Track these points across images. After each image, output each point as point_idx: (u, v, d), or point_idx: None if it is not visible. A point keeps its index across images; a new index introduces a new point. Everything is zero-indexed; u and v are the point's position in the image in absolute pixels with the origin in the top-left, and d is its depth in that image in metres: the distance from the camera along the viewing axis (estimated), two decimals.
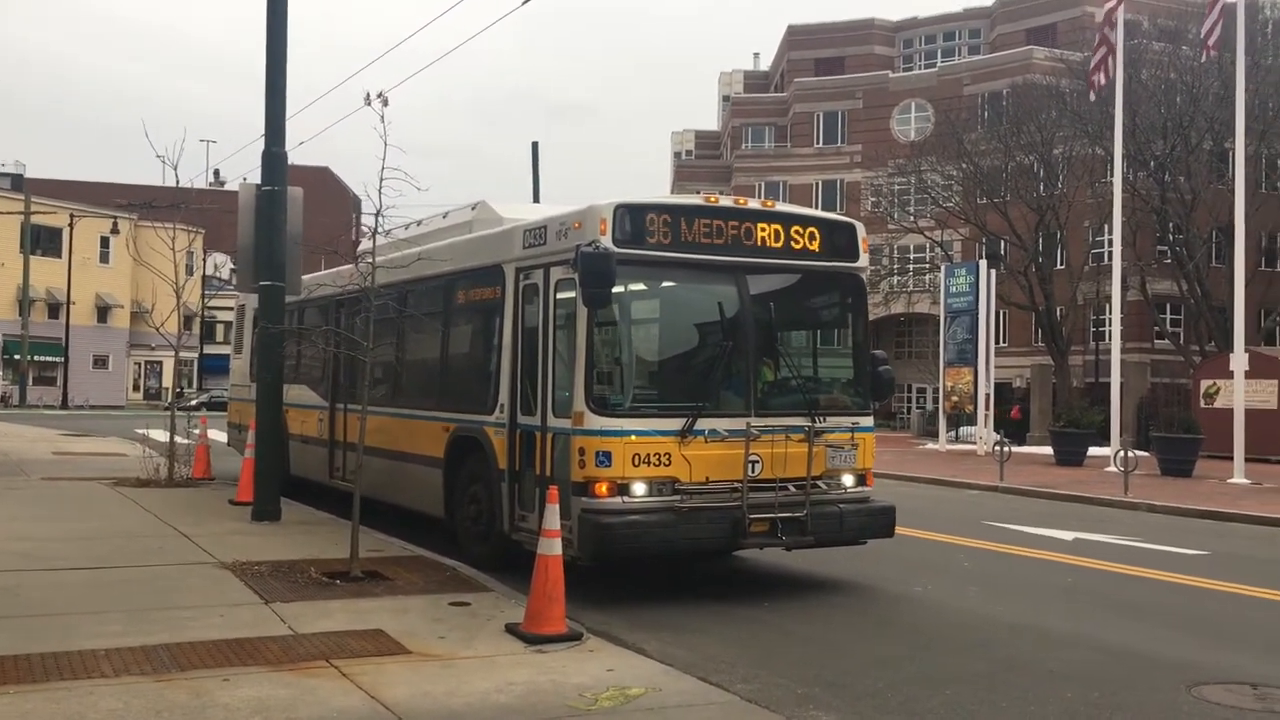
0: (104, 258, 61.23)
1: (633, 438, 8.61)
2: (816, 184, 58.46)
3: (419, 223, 13.11)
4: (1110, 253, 29.20)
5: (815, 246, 9.70)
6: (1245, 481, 21.42)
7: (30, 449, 22.25)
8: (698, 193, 9.91)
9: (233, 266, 13.63)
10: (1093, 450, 26.77)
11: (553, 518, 7.30)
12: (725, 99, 73.58)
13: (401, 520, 11.93)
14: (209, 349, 61.93)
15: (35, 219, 53.77)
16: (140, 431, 27.04)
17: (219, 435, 20.11)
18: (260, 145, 12.44)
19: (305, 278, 14.18)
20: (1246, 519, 16.41)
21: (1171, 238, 38.62)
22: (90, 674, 6.03)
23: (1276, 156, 38.25)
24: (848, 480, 9.59)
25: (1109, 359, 26.85)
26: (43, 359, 56.81)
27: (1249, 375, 23.71)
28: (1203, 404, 29.63)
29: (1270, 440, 25.91)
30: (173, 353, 17.85)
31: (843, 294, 10.22)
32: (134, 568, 9.20)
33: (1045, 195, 40.20)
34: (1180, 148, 35.88)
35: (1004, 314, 44.68)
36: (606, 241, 8.66)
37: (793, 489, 9.11)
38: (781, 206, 10.02)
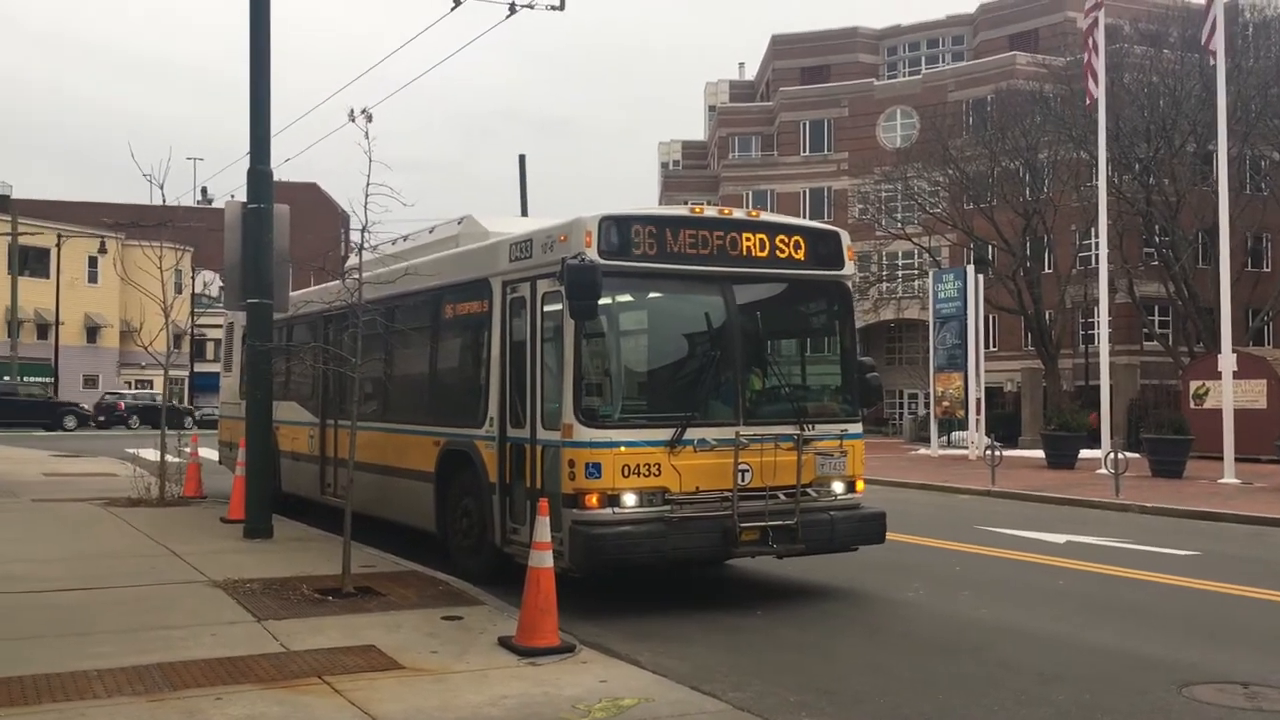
0: (92, 277, 61.09)
1: (622, 449, 8.63)
2: (804, 192, 58.64)
3: (405, 238, 13.13)
4: (1097, 256, 29.32)
5: (800, 255, 9.74)
6: (1236, 481, 21.50)
7: (21, 470, 22.15)
8: (685, 203, 9.95)
9: (221, 284, 13.70)
10: (1084, 453, 26.86)
11: (544, 530, 7.32)
12: (711, 109, 73.76)
13: (394, 535, 11.93)
14: (199, 367, 61.77)
15: (22, 240, 53.59)
16: (131, 451, 26.95)
17: (210, 453, 20.07)
18: (247, 163, 12.47)
19: (293, 294, 14.18)
20: (1237, 519, 16.48)
21: (1158, 240, 38.80)
22: (83, 695, 6.02)
23: (1260, 158, 38.43)
24: (838, 487, 9.62)
25: (1098, 362, 26.96)
26: (32, 380, 56.57)
27: (1238, 375, 23.82)
28: (1192, 405, 29.74)
29: (1260, 440, 26.00)
30: (162, 371, 17.80)
31: (829, 302, 10.27)
32: (126, 588, 9.19)
33: (1031, 200, 40.38)
34: (1164, 150, 36.07)
35: (993, 318, 44.82)
36: (592, 254, 8.70)
37: (783, 497, 9.14)
38: (766, 216, 10.06)
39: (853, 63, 62.71)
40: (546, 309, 9.26)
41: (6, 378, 52.23)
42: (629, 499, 8.62)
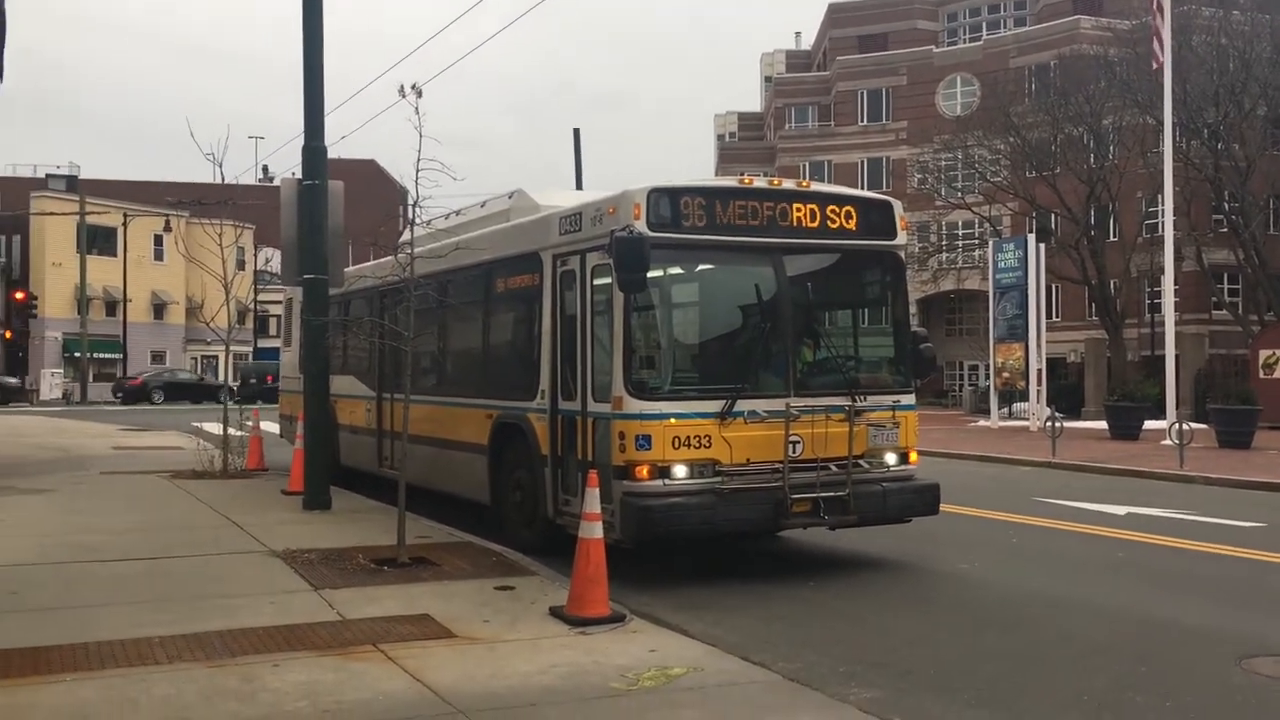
0: (158, 255, 62.28)
1: (672, 420, 8.64)
2: (861, 162, 57.96)
3: (458, 213, 13.21)
4: (1163, 223, 28.67)
5: (852, 225, 9.64)
6: None
7: (91, 444, 22.77)
8: (740, 175, 9.87)
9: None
10: (1149, 424, 26.37)
11: (593, 501, 7.37)
12: (767, 80, 73.13)
13: (450, 507, 12.08)
14: (262, 342, 62.80)
15: (90, 219, 54.79)
16: (196, 425, 27.54)
17: (271, 427, 20.45)
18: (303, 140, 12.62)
19: (348, 270, 14.35)
20: None
21: (1227, 206, 37.82)
22: (145, 661, 6.19)
23: None
24: (890, 458, 9.55)
25: (1164, 331, 26.40)
26: (102, 356, 57.94)
27: None
28: (1261, 374, 29.06)
29: None
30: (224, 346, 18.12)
31: (881, 272, 10.16)
32: (189, 557, 9.41)
33: (1096, 167, 39.51)
34: (1234, 114, 35.10)
35: (1055, 288, 44.05)
36: (641, 226, 8.68)
37: (834, 468, 9.10)
38: (817, 186, 9.98)
39: (911, 30, 61.67)
40: (596, 282, 9.27)
41: (78, 353, 53.56)
42: (679, 471, 8.63)
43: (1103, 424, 28.44)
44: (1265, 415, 24.05)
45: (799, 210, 9.39)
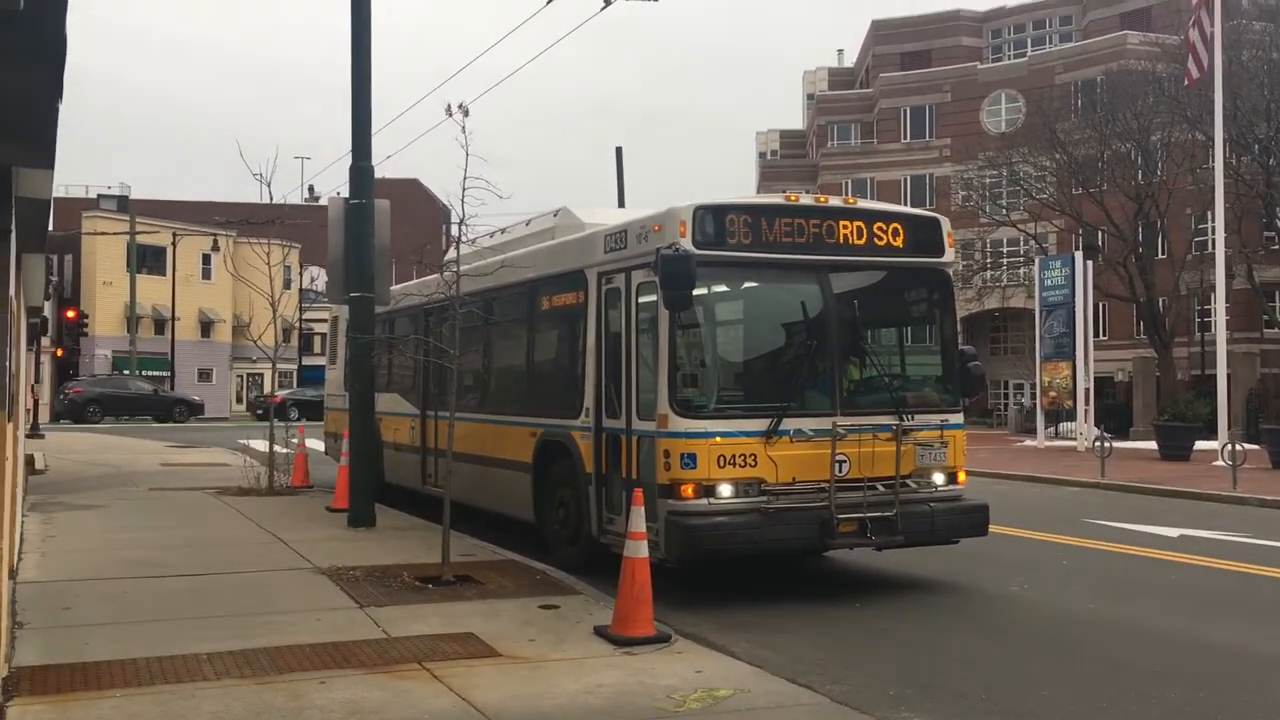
0: (205, 274, 63.15)
1: (718, 439, 8.59)
2: (905, 179, 57.64)
3: (503, 231, 13.27)
4: (1213, 240, 28.19)
5: (899, 243, 9.57)
6: None
7: (139, 461, 23.05)
8: (783, 193, 9.85)
9: (326, 279, 14.01)
10: (1199, 444, 25.89)
11: (639, 520, 7.33)
12: (810, 97, 72.96)
13: (494, 526, 12.08)
14: (306, 360, 63.45)
15: (140, 239, 55.68)
16: (242, 442, 27.82)
17: (317, 444, 20.60)
18: (350, 160, 12.74)
19: (394, 288, 14.44)
20: None
21: (1278, 223, 37.16)
22: (193, 677, 6.23)
23: None
24: (938, 478, 9.44)
25: (1215, 350, 25.95)
26: (150, 373, 58.76)
27: None
28: None
29: None
30: (271, 364, 18.31)
31: (929, 290, 10.07)
32: (235, 574, 9.47)
33: (1144, 183, 38.99)
34: None
35: (1103, 306, 43.48)
36: (686, 244, 8.66)
37: (881, 488, 8.99)
38: (864, 203, 9.92)
39: (955, 46, 61.36)
40: (641, 300, 9.26)
41: (126, 371, 54.37)
42: (724, 489, 8.58)
43: (1152, 444, 27.97)
44: None
45: (845, 227, 9.33)
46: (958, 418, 9.71)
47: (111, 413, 45.57)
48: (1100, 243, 40.55)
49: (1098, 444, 21.79)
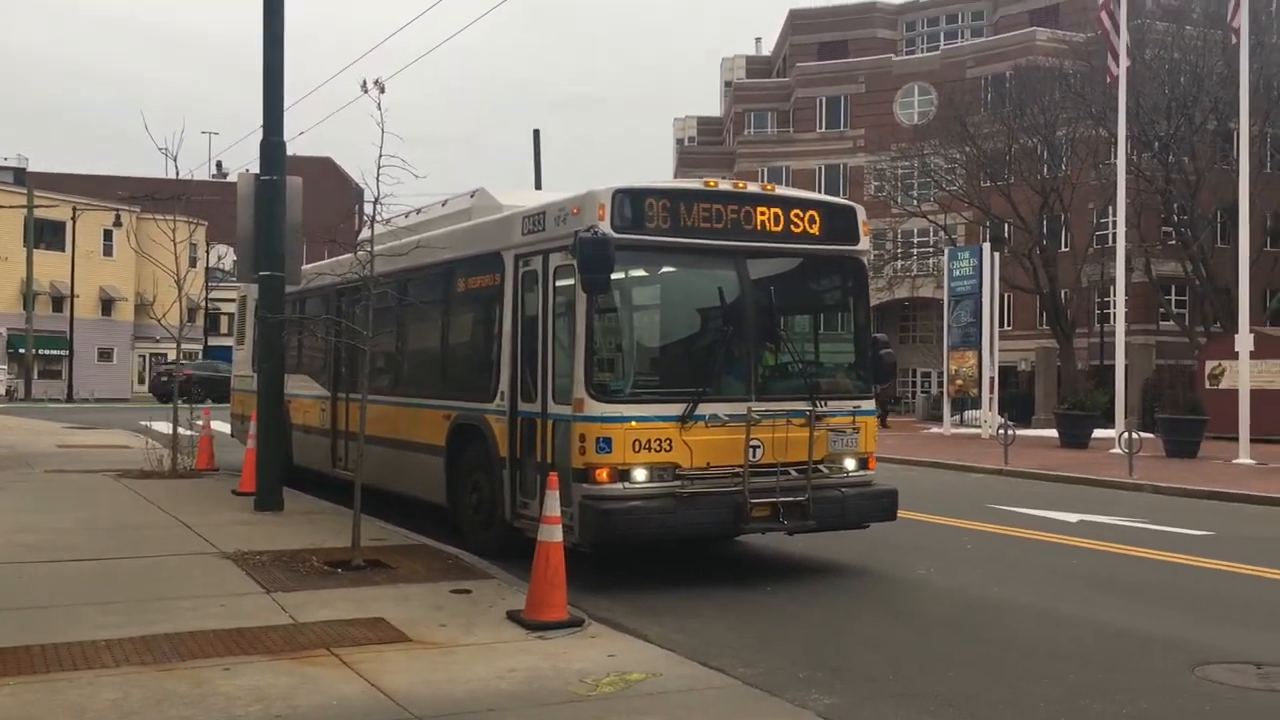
0: (107, 251, 61.19)
1: (633, 424, 8.59)
2: (820, 169, 58.28)
3: (419, 211, 13.08)
4: (1114, 234, 29.07)
5: (815, 230, 9.65)
6: (1250, 462, 21.38)
7: (36, 442, 22.28)
8: (701, 179, 9.87)
9: (235, 257, 13.65)
10: (1098, 432, 26.73)
11: (553, 504, 7.29)
12: (727, 85, 73.28)
13: (406, 510, 11.94)
14: (213, 340, 61.93)
15: (38, 213, 53.73)
16: (144, 423, 27.06)
17: (223, 426, 20.13)
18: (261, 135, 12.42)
19: (305, 267, 14.17)
20: (1251, 499, 16.36)
21: (1176, 219, 38.45)
22: (91, 665, 6.03)
23: None
24: (849, 464, 9.56)
25: (1114, 341, 26.79)
26: (47, 352, 56.84)
27: (1254, 355, 23.62)
28: (1208, 385, 29.55)
29: (1276, 420, 25.82)
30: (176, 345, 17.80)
31: (844, 277, 10.18)
32: (136, 559, 9.21)
33: (1049, 177, 40.02)
34: (1184, 128, 35.67)
35: (1008, 297, 44.55)
36: (605, 227, 8.62)
37: (794, 473, 9.08)
38: (781, 190, 9.98)
39: (871, 38, 62.16)
40: (559, 283, 9.20)
41: (22, 349, 52.52)
42: (639, 474, 8.58)
43: (1053, 432, 28.78)
44: (1211, 425, 24.44)
45: (763, 214, 9.39)
46: (870, 404, 9.85)
47: None
48: (1006, 235, 41.52)
49: (1001, 431, 22.35)
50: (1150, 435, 23.93)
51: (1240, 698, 6.25)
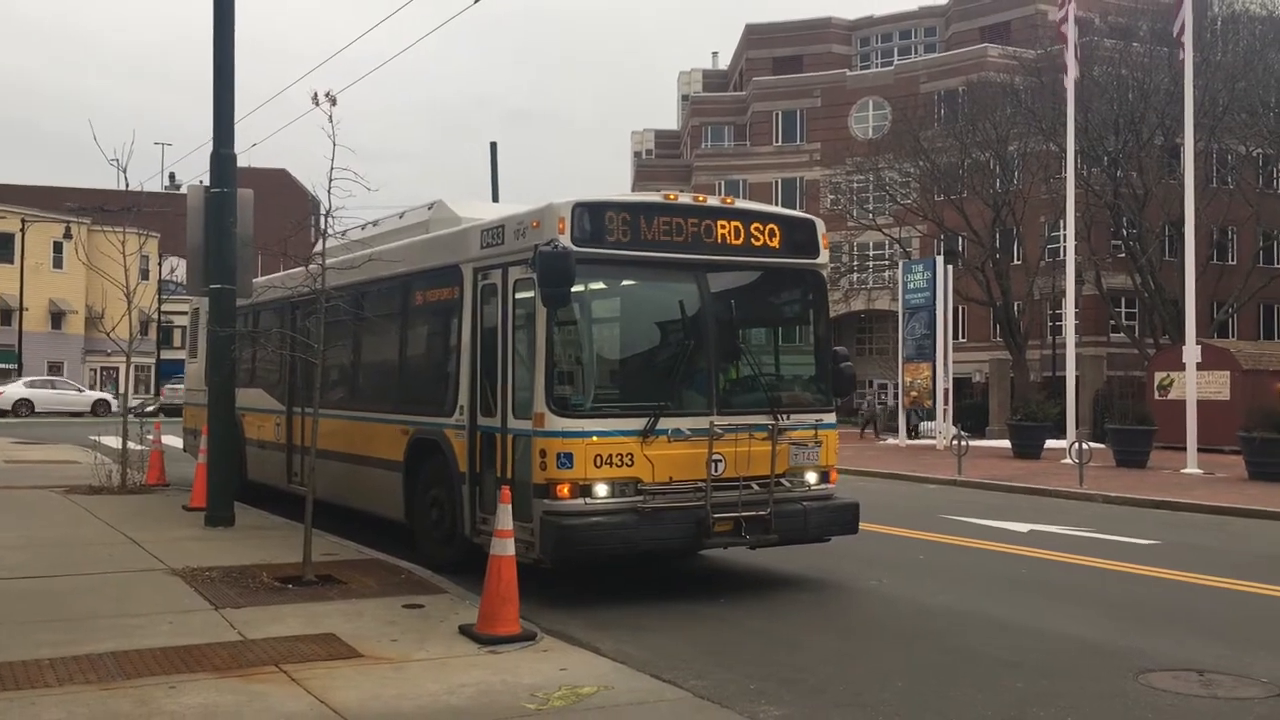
0: (57, 263, 60.30)
1: (594, 439, 8.56)
2: (776, 182, 58.70)
3: (375, 223, 13.01)
4: (1065, 248, 29.52)
5: (775, 243, 9.69)
6: (1198, 472, 21.75)
7: None
8: (660, 192, 9.88)
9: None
10: (1050, 443, 27.05)
11: (505, 518, 7.26)
12: (685, 98, 73.69)
13: (362, 525, 11.84)
14: (165, 354, 61.10)
15: None
16: (94, 438, 26.63)
17: (175, 441, 19.86)
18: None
19: (258, 280, 14.03)
20: (1198, 508, 16.64)
21: (1125, 232, 39.12)
22: (34, 684, 5.93)
23: (1226, 152, 38.80)
24: (811, 478, 9.58)
25: (1065, 353, 27.19)
26: None
27: (1201, 367, 24.07)
28: (1157, 396, 30.05)
29: (1222, 431, 26.27)
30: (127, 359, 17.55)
31: (804, 290, 10.21)
32: (82, 575, 9.06)
33: (1001, 191, 40.61)
34: (1132, 143, 36.34)
35: (962, 309, 45.06)
36: (565, 240, 8.60)
37: (756, 487, 9.06)
38: (741, 203, 10.01)
39: (826, 53, 62.78)
40: (518, 296, 9.17)
41: None
42: (601, 489, 8.55)
43: (1006, 443, 29.11)
44: (1160, 435, 24.84)
45: (723, 227, 9.41)
46: (830, 417, 9.87)
47: None
48: (960, 248, 42.04)
49: (955, 442, 22.58)
50: (1101, 446, 24.28)
51: (1183, 704, 6.34)
